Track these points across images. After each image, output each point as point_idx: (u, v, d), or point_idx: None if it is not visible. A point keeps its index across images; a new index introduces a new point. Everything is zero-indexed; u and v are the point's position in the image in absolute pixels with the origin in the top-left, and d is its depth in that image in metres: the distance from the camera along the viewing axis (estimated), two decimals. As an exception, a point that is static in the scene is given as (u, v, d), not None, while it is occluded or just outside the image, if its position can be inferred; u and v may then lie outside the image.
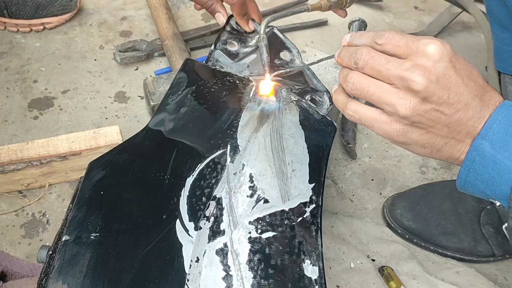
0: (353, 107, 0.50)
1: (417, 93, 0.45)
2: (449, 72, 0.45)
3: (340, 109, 0.52)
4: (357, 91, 0.48)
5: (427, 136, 0.48)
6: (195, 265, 0.54)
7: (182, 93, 0.71)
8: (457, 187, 0.51)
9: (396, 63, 0.46)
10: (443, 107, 0.46)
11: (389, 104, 0.46)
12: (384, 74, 0.46)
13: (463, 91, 0.46)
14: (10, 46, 1.13)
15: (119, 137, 0.86)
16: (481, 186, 0.48)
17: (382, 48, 0.47)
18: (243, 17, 0.81)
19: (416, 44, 0.46)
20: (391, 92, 0.46)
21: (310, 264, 0.54)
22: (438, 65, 0.45)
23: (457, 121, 0.46)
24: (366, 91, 0.47)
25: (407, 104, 0.45)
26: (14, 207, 0.86)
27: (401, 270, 0.84)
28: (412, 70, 0.45)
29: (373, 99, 0.47)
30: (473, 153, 0.47)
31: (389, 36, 0.47)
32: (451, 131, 0.47)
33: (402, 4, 1.44)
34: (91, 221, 0.57)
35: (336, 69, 0.91)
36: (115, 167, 0.63)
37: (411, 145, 0.49)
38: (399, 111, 0.46)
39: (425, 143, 0.48)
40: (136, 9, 1.28)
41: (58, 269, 0.54)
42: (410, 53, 0.46)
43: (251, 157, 0.61)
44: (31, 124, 0.99)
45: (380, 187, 0.99)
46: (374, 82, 0.47)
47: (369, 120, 0.49)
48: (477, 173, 0.47)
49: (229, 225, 0.56)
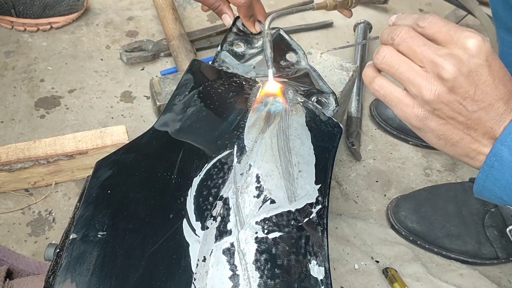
0: (380, 82, 0.49)
1: (445, 82, 0.45)
2: (482, 69, 0.45)
3: (366, 83, 0.51)
4: (387, 66, 0.48)
5: (444, 127, 0.47)
6: (202, 265, 0.54)
7: (189, 93, 0.72)
8: (474, 193, 0.51)
9: (432, 47, 0.46)
10: (467, 101, 0.45)
11: (415, 86, 0.46)
12: (418, 55, 0.46)
13: (490, 91, 0.45)
14: (17, 45, 1.14)
15: (125, 136, 0.87)
16: (498, 192, 0.48)
17: (423, 31, 0.47)
18: (249, 18, 0.81)
19: (457, 34, 0.45)
20: (420, 74, 0.46)
21: (316, 265, 0.54)
22: (473, 60, 0.45)
23: (477, 119, 0.46)
24: (396, 68, 0.47)
25: (433, 89, 0.45)
26: (21, 205, 0.86)
27: (405, 271, 0.84)
28: (446, 57, 0.45)
29: (401, 77, 0.47)
30: (492, 159, 0.47)
31: (432, 21, 0.47)
32: (469, 128, 0.47)
33: (407, 6, 1.44)
34: (98, 219, 0.58)
35: (341, 71, 0.91)
36: (122, 166, 0.63)
37: (427, 134, 0.49)
38: (424, 94, 0.46)
39: (441, 134, 0.48)
40: (143, 9, 1.28)
41: (65, 267, 0.54)
42: (449, 42, 0.45)
43: (258, 157, 0.61)
44: (38, 123, 0.99)
45: (384, 188, 0.99)
46: (406, 61, 0.47)
47: (392, 99, 0.48)
48: (495, 178, 0.47)
49: (236, 225, 0.56)
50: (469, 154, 0.49)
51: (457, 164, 1.05)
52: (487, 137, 0.47)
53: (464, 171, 1.03)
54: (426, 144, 1.05)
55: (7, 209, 0.85)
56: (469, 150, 0.48)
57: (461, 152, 0.49)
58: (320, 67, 0.92)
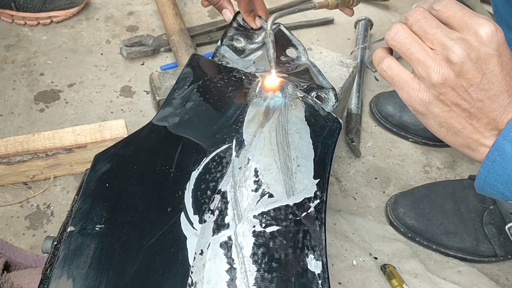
0: (389, 62, 0.49)
1: (453, 65, 0.45)
2: (491, 58, 0.45)
3: (375, 63, 0.51)
4: (398, 44, 0.48)
5: (447, 114, 0.47)
6: (199, 258, 0.54)
7: (188, 87, 0.72)
8: (475, 188, 0.50)
9: (445, 30, 0.46)
10: (472, 89, 0.45)
11: (424, 67, 0.46)
12: (430, 36, 0.46)
13: (496, 81, 0.45)
14: (17, 39, 1.14)
15: (124, 130, 0.87)
16: (500, 187, 0.47)
17: (438, 14, 0.47)
18: (249, 13, 0.81)
19: (471, 21, 0.45)
20: (430, 55, 0.46)
21: (313, 259, 0.54)
22: (483, 48, 0.44)
23: (481, 108, 0.46)
24: (407, 48, 0.47)
25: (441, 71, 0.45)
26: (19, 199, 0.86)
27: (403, 268, 0.84)
28: (456, 41, 0.45)
29: (411, 57, 0.47)
30: (494, 153, 0.46)
31: (447, 4, 0.47)
32: (472, 117, 0.47)
33: (408, 3, 1.44)
34: (96, 212, 0.58)
35: (341, 67, 0.91)
36: (120, 160, 0.63)
37: (430, 120, 0.49)
38: (431, 76, 0.46)
39: (443, 122, 0.48)
40: (143, 4, 1.28)
41: (63, 260, 0.54)
42: (462, 27, 0.45)
43: (257, 151, 0.61)
44: (37, 116, 0.99)
45: (383, 185, 0.99)
46: (417, 40, 0.47)
47: (399, 81, 0.48)
48: (497, 174, 0.47)
49: (234, 219, 0.56)
50: (471, 145, 0.48)
51: (456, 161, 1.04)
52: (489, 128, 0.47)
53: (463, 169, 1.03)
54: (426, 142, 1.06)
55: (5, 202, 0.85)
56: (471, 140, 0.48)
57: (462, 142, 0.49)
58: (320, 63, 0.92)
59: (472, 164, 1.04)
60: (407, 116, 1.06)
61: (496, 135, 0.47)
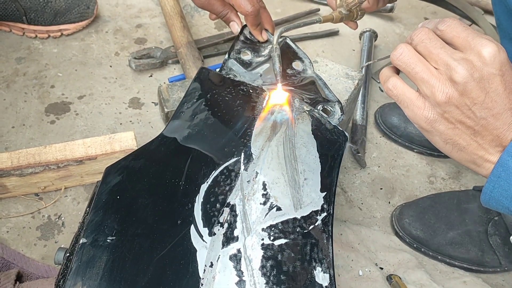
0: (395, 81, 0.51)
1: (456, 85, 0.46)
2: (494, 78, 0.46)
3: (381, 82, 0.53)
4: (403, 63, 0.49)
5: (452, 131, 0.49)
6: (209, 270, 0.55)
7: (196, 101, 0.73)
8: (481, 202, 0.51)
9: (448, 51, 0.47)
10: (476, 107, 0.47)
11: (428, 86, 0.48)
12: (434, 56, 0.48)
13: (500, 100, 0.46)
14: (28, 51, 1.16)
15: (133, 142, 0.88)
16: (505, 202, 0.48)
17: (442, 34, 0.49)
18: (256, 27, 0.83)
19: (474, 41, 0.46)
20: (434, 75, 0.47)
21: (321, 271, 0.55)
22: (485, 68, 0.46)
23: (485, 125, 0.47)
24: (412, 67, 0.49)
25: (445, 90, 0.47)
26: (31, 209, 0.88)
27: (408, 278, 0.85)
28: (460, 61, 0.46)
29: (416, 76, 0.49)
30: (499, 169, 0.48)
31: (451, 25, 0.48)
32: (476, 134, 0.48)
33: (412, 15, 1.45)
34: (107, 224, 0.59)
35: (347, 79, 0.93)
36: (131, 173, 0.65)
37: (435, 137, 0.50)
38: (436, 95, 0.47)
39: (449, 139, 0.49)
40: (151, 17, 1.30)
41: (75, 271, 0.55)
42: (466, 47, 0.47)
43: (265, 165, 0.62)
44: (48, 128, 1.01)
45: (388, 196, 1.00)
46: (422, 60, 0.48)
47: (405, 99, 0.50)
48: (502, 189, 0.48)
49: (243, 232, 0.57)
50: (476, 161, 0.50)
51: (461, 172, 1.05)
52: (494, 145, 0.48)
53: (468, 179, 1.04)
54: (431, 152, 1.07)
55: (17, 213, 0.87)
56: (476, 156, 0.49)
57: (467, 158, 0.50)
58: (326, 75, 0.94)
59: (477, 175, 1.05)
60: (412, 127, 1.07)
61: (500, 151, 0.48)
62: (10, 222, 0.86)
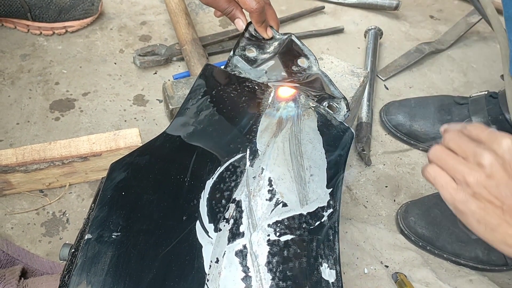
0: (433, 169, 0.58)
1: (484, 168, 0.53)
2: None
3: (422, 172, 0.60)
4: (437, 159, 0.58)
5: (483, 211, 0.53)
6: (215, 266, 0.55)
7: (201, 97, 0.73)
8: None
9: (475, 143, 0.55)
10: (502, 187, 0.52)
11: (460, 172, 0.55)
12: (463, 147, 0.55)
13: None
14: (33, 48, 1.16)
15: (138, 139, 0.88)
16: None
17: (468, 133, 0.57)
18: (261, 24, 0.82)
19: (496, 135, 0.54)
20: (464, 164, 0.55)
21: (327, 268, 0.55)
22: (506, 154, 0.52)
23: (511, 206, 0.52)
24: (445, 161, 0.57)
25: (474, 174, 0.53)
26: (35, 206, 0.88)
27: (414, 277, 0.84)
28: (485, 149, 0.54)
29: (449, 167, 0.56)
30: None
31: (476, 125, 0.57)
32: (504, 213, 0.52)
33: (418, 13, 1.45)
34: (112, 220, 0.59)
35: (352, 76, 0.92)
36: (136, 169, 0.64)
37: (469, 217, 0.55)
38: (466, 178, 0.54)
39: (480, 218, 0.54)
40: (156, 14, 1.30)
41: (80, 267, 0.55)
42: (489, 140, 0.54)
43: (270, 161, 0.62)
44: (53, 125, 1.01)
45: (394, 194, 0.99)
46: (453, 155, 0.56)
47: (441, 182, 0.57)
48: None
49: (249, 228, 0.57)
50: (507, 241, 0.53)
51: (467, 170, 1.05)
52: None
53: (474, 178, 1.03)
54: (436, 150, 1.06)
55: (22, 210, 0.87)
56: (507, 236, 0.53)
57: (500, 238, 0.53)
58: (331, 72, 0.93)
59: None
60: (417, 125, 1.06)
61: None
62: (14, 218, 0.86)
